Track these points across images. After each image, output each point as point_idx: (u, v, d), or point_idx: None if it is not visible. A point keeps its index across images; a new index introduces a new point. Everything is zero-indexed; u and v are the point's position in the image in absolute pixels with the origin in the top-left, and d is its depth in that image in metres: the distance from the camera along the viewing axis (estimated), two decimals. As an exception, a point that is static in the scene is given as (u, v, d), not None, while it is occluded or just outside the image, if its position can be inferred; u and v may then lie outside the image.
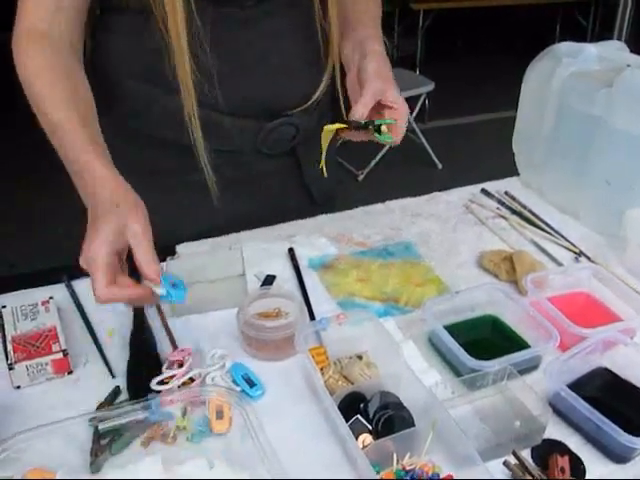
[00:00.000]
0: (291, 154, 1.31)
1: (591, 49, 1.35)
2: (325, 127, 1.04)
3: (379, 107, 1.07)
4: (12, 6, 1.06)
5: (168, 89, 1.10)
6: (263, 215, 1.32)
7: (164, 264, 1.11)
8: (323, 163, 1.10)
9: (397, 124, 1.07)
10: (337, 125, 1.03)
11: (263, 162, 1.27)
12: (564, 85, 1.33)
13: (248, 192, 1.29)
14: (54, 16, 1.04)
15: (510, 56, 5.61)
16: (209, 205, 1.27)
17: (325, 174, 1.10)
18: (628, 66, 1.23)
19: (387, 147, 4.37)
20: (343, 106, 1.19)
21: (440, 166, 4.53)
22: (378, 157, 4.38)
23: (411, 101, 4.34)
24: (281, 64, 1.17)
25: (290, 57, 1.18)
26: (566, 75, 1.33)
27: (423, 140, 4.52)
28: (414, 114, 4.48)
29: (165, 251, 1.18)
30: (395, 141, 1.07)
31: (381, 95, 1.05)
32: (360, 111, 1.03)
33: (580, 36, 6.09)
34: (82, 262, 0.85)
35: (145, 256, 0.86)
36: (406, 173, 4.36)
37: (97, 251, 0.83)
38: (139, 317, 1.06)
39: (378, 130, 1.05)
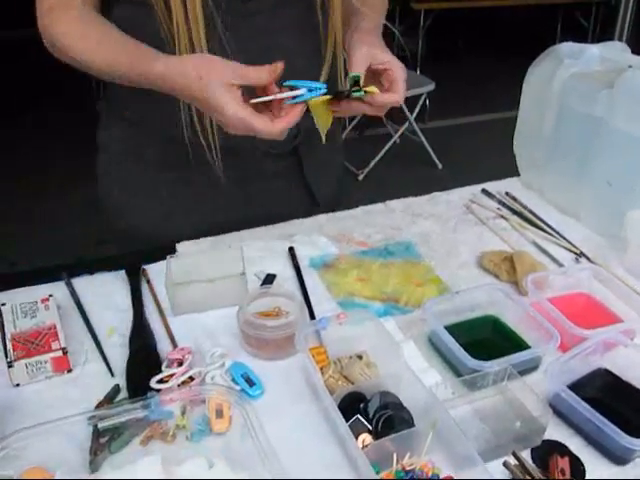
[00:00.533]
0: (293, 154, 1.30)
1: (593, 50, 1.35)
2: (310, 102, 1.01)
3: (374, 75, 1.05)
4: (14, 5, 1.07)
5: None
6: (264, 215, 1.31)
7: (164, 262, 1.11)
8: (323, 133, 1.08)
9: (397, 82, 1.04)
10: (321, 98, 1.00)
11: (264, 162, 1.26)
12: (565, 86, 1.33)
13: (249, 192, 1.29)
14: None
15: (511, 56, 5.60)
16: (210, 203, 1.27)
17: (323, 140, 1.08)
18: (630, 67, 1.23)
19: (387, 147, 4.39)
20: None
21: (440, 166, 4.52)
22: (378, 157, 4.38)
23: (412, 101, 4.34)
24: (285, 62, 1.16)
25: (291, 54, 1.17)
26: (567, 76, 1.33)
27: (423, 140, 4.52)
28: (414, 114, 4.48)
29: (165, 250, 1.18)
30: (397, 100, 1.04)
31: (370, 58, 1.04)
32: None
33: (581, 37, 6.09)
34: (233, 129, 0.96)
35: (257, 79, 0.94)
36: (406, 173, 4.37)
37: (234, 112, 0.92)
38: (139, 315, 1.06)
39: (355, 90, 1.01)
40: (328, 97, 1.00)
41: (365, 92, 1.01)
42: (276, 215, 1.32)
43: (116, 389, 0.93)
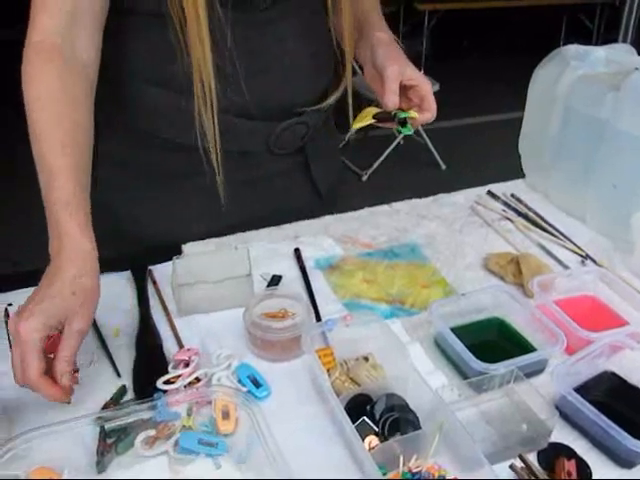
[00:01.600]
0: (299, 151, 1.30)
1: (599, 52, 1.35)
2: (353, 126, 1.11)
3: (403, 90, 1.11)
4: (13, 3, 1.03)
5: (179, 92, 1.10)
6: (270, 212, 1.32)
7: (170, 263, 1.11)
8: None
9: (427, 98, 1.11)
10: (365, 122, 1.10)
11: (272, 161, 1.27)
12: (571, 88, 1.33)
13: (255, 191, 1.29)
14: (70, 28, 0.98)
15: (515, 57, 5.60)
16: (217, 205, 1.27)
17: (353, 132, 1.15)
18: (636, 69, 1.23)
19: (391, 147, 4.40)
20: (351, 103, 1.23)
21: (444, 167, 4.53)
22: (382, 157, 4.39)
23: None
24: (295, 67, 1.16)
25: (304, 59, 1.18)
26: (573, 78, 1.33)
27: (427, 140, 4.53)
28: (418, 115, 4.47)
29: (171, 251, 1.18)
30: (429, 119, 1.12)
31: (400, 76, 1.09)
32: (392, 100, 1.08)
33: (585, 38, 6.09)
34: (12, 330, 0.83)
35: (66, 352, 0.84)
36: (410, 173, 4.37)
37: (32, 332, 0.81)
38: (145, 316, 1.06)
39: (402, 123, 1.10)
40: (369, 121, 1.12)
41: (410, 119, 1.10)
42: (281, 211, 1.33)
43: (122, 390, 0.93)
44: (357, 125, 1.12)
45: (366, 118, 1.13)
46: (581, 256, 1.27)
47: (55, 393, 0.84)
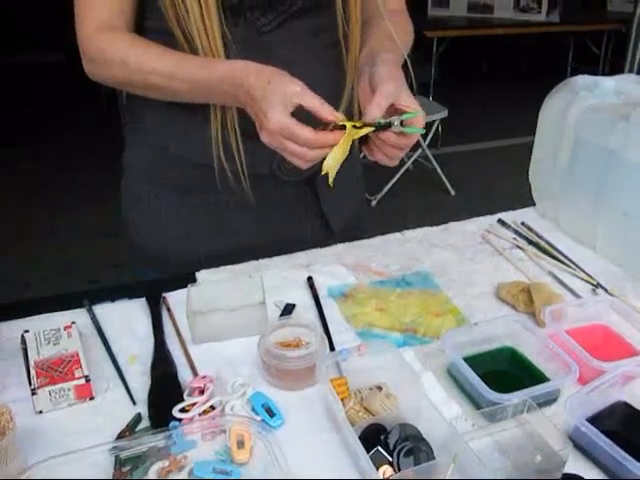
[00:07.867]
0: (309, 182, 1.31)
1: (608, 82, 1.36)
2: (348, 126, 0.98)
3: (393, 112, 1.03)
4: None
5: (190, 111, 1.11)
6: (280, 242, 1.32)
7: (184, 290, 1.12)
8: (334, 170, 1.02)
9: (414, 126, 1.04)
10: (362, 128, 0.98)
11: (280, 189, 1.27)
12: (581, 118, 1.34)
13: (265, 218, 1.30)
14: (118, 16, 1.13)
15: (523, 83, 5.65)
16: (227, 228, 1.29)
17: (331, 183, 1.03)
18: (645, 100, 1.24)
19: (401, 172, 4.41)
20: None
21: (453, 192, 4.54)
22: (391, 183, 4.40)
23: (424, 127, 4.36)
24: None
25: (308, 85, 1.19)
26: (583, 108, 1.34)
27: (436, 166, 4.54)
28: (427, 140, 4.50)
29: (185, 278, 1.19)
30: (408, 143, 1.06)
31: (394, 98, 1.01)
32: (374, 112, 0.99)
33: (593, 64, 6.12)
34: (268, 138, 0.98)
35: (315, 101, 0.97)
36: (419, 199, 4.38)
37: (280, 117, 0.95)
38: (160, 344, 1.07)
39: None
40: (360, 124, 0.99)
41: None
42: (292, 242, 1.33)
43: (138, 418, 0.94)
44: (352, 130, 0.98)
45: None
46: (592, 285, 1.27)
47: (336, 136, 0.97)
